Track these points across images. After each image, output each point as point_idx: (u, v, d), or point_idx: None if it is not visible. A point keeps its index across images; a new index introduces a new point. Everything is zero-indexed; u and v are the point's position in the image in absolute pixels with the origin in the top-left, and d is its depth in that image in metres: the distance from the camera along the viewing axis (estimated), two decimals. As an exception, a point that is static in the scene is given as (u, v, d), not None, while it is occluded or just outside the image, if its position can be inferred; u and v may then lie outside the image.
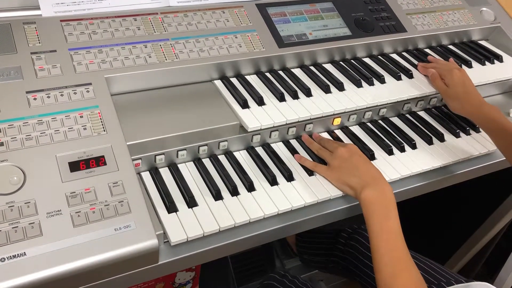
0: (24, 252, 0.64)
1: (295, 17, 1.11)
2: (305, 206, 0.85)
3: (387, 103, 1.07)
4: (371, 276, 1.08)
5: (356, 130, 1.06)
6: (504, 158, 1.08)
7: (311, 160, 0.93)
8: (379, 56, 1.21)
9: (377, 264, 0.73)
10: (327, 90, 1.03)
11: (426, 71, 1.14)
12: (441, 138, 1.07)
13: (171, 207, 0.79)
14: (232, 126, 0.91)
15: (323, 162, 0.93)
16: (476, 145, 1.06)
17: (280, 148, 0.97)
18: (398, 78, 1.13)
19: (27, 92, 0.80)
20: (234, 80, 1.01)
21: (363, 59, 1.18)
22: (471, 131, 1.11)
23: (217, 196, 0.83)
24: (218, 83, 1.00)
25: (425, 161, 1.00)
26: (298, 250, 1.39)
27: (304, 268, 1.53)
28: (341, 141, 1.01)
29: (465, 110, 1.03)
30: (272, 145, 0.97)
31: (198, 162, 0.90)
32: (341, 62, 1.15)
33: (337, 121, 1.04)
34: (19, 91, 0.80)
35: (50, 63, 0.85)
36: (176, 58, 0.94)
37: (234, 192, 0.84)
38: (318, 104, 0.99)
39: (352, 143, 0.96)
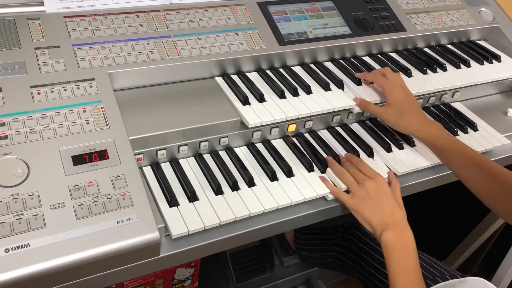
0: (28, 243, 0.65)
1: (296, 15, 1.13)
2: (304, 201, 0.86)
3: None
4: (369, 271, 1.09)
5: (356, 127, 1.07)
6: (503, 156, 1.09)
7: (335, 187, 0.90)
8: (379, 55, 1.22)
9: None
10: (327, 88, 1.04)
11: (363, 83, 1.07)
12: (439, 136, 1.08)
13: (172, 201, 0.80)
14: (232, 122, 0.92)
15: None
16: (473, 143, 1.07)
17: (280, 145, 0.98)
18: (397, 77, 1.14)
19: (31, 87, 0.81)
20: (235, 77, 1.02)
21: (362, 57, 1.19)
22: (469, 130, 1.12)
23: (218, 191, 0.84)
24: (219, 80, 1.01)
25: (424, 158, 1.01)
26: (296, 247, 1.40)
27: (303, 265, 1.54)
28: (345, 138, 1.02)
29: (410, 127, 0.96)
30: (272, 141, 0.98)
31: (199, 157, 0.91)
32: (341, 61, 1.16)
33: (337, 119, 1.05)
34: (23, 85, 0.81)
35: (53, 58, 0.86)
36: (178, 54, 0.96)
37: (234, 187, 0.85)
38: (318, 101, 1.00)
39: (380, 175, 0.89)
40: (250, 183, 0.87)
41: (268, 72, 1.06)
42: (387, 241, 0.79)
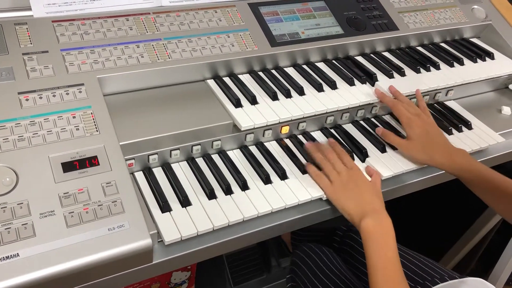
0: (17, 253, 0.64)
1: (288, 16, 1.12)
2: (299, 204, 0.86)
3: (380, 101, 1.07)
4: (366, 273, 1.08)
5: (349, 128, 1.06)
6: (498, 154, 1.09)
7: (318, 170, 0.90)
8: (372, 55, 1.21)
9: None
10: (320, 89, 1.03)
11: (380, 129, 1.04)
12: (434, 136, 1.07)
13: (164, 207, 0.79)
14: (225, 125, 0.91)
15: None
16: (468, 142, 1.07)
17: (273, 147, 0.97)
18: (390, 76, 1.13)
19: (19, 93, 0.80)
20: (227, 80, 1.01)
21: (355, 57, 1.18)
22: (464, 128, 1.11)
23: (211, 195, 0.83)
24: (211, 83, 1.00)
25: (418, 158, 1.00)
26: (293, 249, 1.39)
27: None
28: (338, 140, 1.01)
29: (434, 161, 0.94)
30: (265, 144, 0.97)
31: (191, 161, 0.90)
32: (333, 61, 1.15)
33: (330, 120, 1.04)
34: (11, 92, 0.80)
35: (42, 63, 0.85)
36: (169, 58, 0.95)
37: (228, 191, 0.84)
38: (311, 102, 0.99)
39: (357, 166, 0.90)
40: (244, 186, 0.86)
41: (260, 73, 1.05)
42: (366, 227, 0.78)
